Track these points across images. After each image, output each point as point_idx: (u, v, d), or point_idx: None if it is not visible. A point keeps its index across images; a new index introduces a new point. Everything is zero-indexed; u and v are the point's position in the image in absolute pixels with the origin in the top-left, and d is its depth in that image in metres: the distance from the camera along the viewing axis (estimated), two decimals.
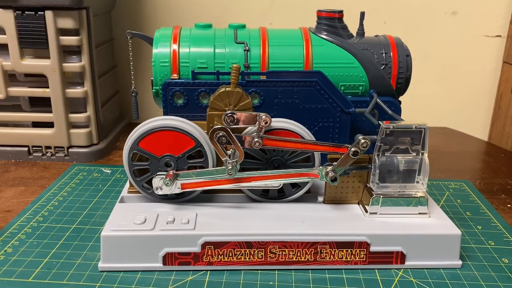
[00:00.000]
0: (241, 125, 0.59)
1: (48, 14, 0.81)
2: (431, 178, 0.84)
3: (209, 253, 0.57)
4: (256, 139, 0.58)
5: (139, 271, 0.56)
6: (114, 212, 0.60)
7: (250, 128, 0.61)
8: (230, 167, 0.58)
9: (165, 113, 0.68)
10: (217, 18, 1.09)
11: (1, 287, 0.53)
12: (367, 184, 0.62)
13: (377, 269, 0.58)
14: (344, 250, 0.57)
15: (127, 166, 0.62)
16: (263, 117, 0.58)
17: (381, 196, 0.60)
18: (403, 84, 0.73)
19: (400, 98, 0.74)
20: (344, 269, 0.58)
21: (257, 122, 0.58)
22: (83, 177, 0.83)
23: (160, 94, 0.69)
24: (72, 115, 0.89)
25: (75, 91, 0.88)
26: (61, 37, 0.84)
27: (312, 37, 0.72)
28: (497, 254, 0.62)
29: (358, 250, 0.57)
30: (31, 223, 0.67)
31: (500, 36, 1.13)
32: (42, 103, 0.88)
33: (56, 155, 0.90)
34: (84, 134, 0.90)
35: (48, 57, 0.84)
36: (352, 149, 0.58)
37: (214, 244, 0.56)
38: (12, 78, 0.88)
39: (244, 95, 0.63)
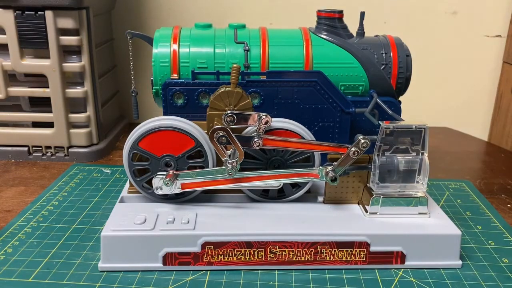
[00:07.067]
0: (241, 125, 0.59)
1: (48, 14, 0.81)
2: (431, 178, 0.84)
3: (209, 253, 0.57)
4: (256, 139, 0.58)
5: (139, 271, 0.56)
6: (114, 212, 0.60)
7: (250, 128, 0.61)
8: (230, 167, 0.58)
9: (165, 113, 0.68)
10: (217, 18, 1.09)
11: (1, 287, 0.53)
12: (367, 184, 0.62)
13: (377, 269, 0.58)
14: (344, 250, 0.57)
15: (127, 166, 0.62)
16: (263, 117, 0.58)
17: (381, 196, 0.60)
18: (403, 84, 0.73)
19: (400, 98, 0.74)
20: (344, 269, 0.58)
21: (257, 122, 0.58)
22: (83, 177, 0.82)
23: (160, 94, 0.69)
24: (72, 115, 0.89)
25: (75, 91, 0.88)
26: (61, 37, 0.84)
27: (312, 37, 0.72)
28: (497, 254, 0.62)
29: (358, 250, 0.57)
30: (31, 223, 0.67)
31: (500, 36, 1.13)
32: (42, 103, 0.88)
33: (56, 155, 0.90)
34: (84, 134, 0.90)
35: (48, 57, 0.84)
36: (352, 149, 0.58)
37: (214, 244, 0.56)
38: (12, 78, 0.88)
39: (244, 95, 0.63)
